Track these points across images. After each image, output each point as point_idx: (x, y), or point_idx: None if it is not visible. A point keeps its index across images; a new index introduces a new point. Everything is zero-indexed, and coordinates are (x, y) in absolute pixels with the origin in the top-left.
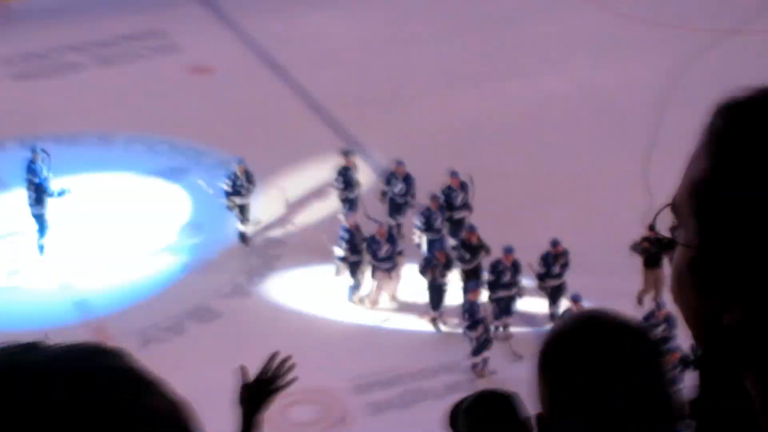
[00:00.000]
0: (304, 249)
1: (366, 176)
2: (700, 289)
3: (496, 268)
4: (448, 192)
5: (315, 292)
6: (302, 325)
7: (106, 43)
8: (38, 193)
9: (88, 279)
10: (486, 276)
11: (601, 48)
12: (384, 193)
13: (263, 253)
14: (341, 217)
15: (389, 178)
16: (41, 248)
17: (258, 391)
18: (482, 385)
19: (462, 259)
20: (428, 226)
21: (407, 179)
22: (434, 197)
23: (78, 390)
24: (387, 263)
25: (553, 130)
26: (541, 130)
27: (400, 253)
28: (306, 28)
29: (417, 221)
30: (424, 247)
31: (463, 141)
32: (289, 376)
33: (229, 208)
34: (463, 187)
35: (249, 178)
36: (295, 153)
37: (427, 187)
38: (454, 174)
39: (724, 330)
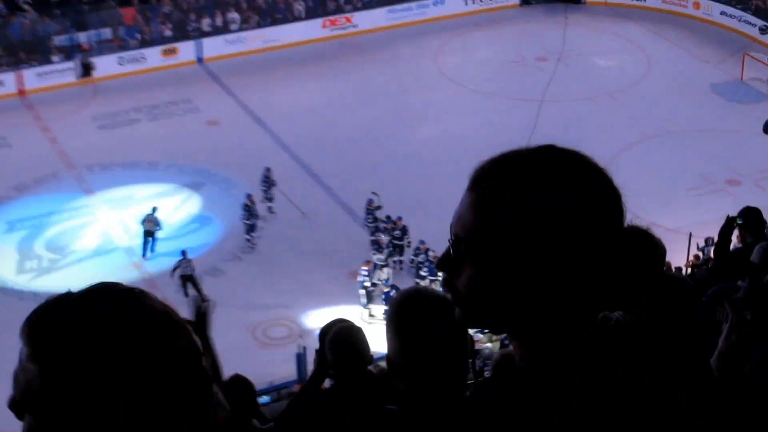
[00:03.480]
0: (275, 239)
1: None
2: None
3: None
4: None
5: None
6: (274, 278)
7: (155, 106)
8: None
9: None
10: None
11: (460, 109)
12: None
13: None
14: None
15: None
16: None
17: (198, 323)
18: None
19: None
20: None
21: (404, 229)
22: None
23: (124, 298)
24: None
25: (431, 162)
26: (423, 161)
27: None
28: (278, 96)
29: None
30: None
31: (376, 165)
32: (209, 306)
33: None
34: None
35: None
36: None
37: (357, 195)
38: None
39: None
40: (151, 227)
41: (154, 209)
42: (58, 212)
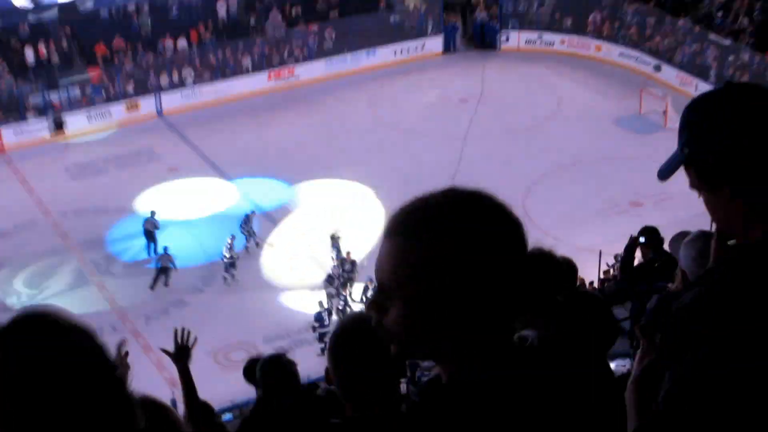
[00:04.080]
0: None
1: (265, 225)
2: (419, 288)
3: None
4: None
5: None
6: (234, 307)
7: (121, 156)
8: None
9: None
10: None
11: (394, 148)
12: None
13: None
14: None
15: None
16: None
17: (180, 354)
18: None
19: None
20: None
21: (353, 263)
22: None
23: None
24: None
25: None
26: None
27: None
28: (230, 142)
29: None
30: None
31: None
32: (191, 339)
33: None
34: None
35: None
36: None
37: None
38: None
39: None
40: (150, 227)
41: (153, 212)
42: (35, 253)
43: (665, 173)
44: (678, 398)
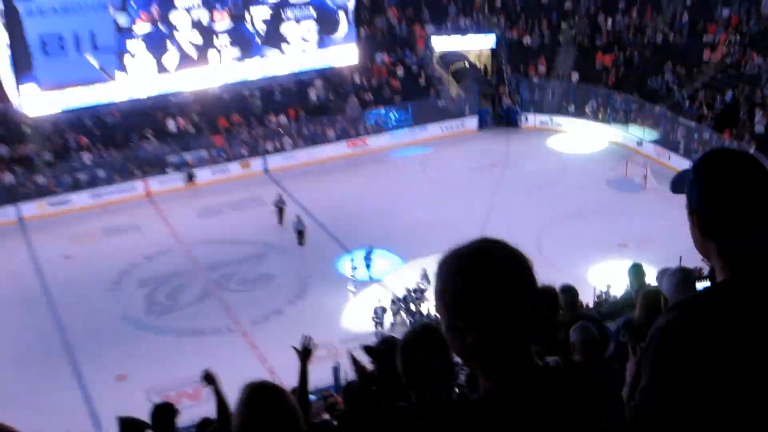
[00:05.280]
0: (322, 289)
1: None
2: (456, 316)
3: None
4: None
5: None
6: (318, 316)
7: (237, 202)
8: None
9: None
10: None
11: (441, 200)
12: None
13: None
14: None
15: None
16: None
17: (304, 353)
18: None
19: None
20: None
21: (422, 291)
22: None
23: None
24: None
25: (422, 237)
26: (417, 236)
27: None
28: (318, 192)
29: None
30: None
31: (384, 237)
32: (312, 345)
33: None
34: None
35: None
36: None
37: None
38: None
39: (466, 345)
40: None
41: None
42: (171, 273)
43: (676, 189)
44: (674, 408)
